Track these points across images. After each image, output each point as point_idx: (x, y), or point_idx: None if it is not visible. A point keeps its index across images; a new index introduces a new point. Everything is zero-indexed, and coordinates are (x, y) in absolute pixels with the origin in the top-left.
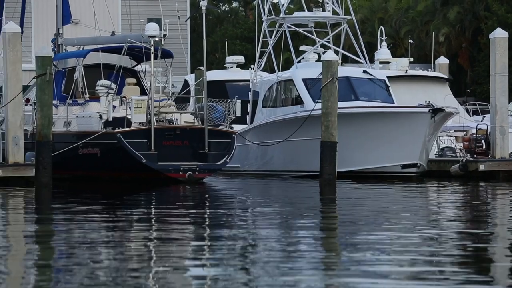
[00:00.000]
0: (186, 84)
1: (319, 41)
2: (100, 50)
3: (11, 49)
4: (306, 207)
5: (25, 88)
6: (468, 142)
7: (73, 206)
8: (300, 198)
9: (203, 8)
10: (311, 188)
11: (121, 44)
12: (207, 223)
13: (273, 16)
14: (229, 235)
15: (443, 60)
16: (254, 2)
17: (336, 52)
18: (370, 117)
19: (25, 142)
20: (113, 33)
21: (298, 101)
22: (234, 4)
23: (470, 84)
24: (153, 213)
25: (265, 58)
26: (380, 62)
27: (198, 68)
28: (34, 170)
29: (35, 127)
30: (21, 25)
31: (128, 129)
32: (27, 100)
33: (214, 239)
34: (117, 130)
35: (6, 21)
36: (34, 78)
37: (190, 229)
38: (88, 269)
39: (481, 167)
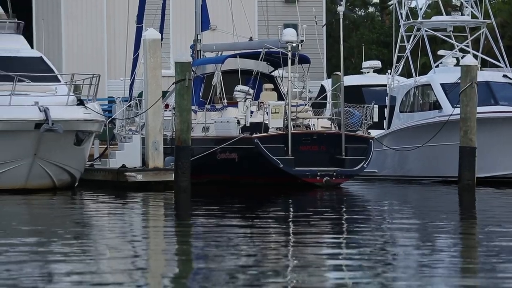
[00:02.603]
0: (322, 89)
1: (457, 45)
2: (238, 56)
3: (151, 55)
4: (444, 213)
5: (164, 94)
6: None
7: (211, 210)
8: (438, 203)
9: (340, 13)
10: (449, 194)
11: (258, 50)
12: (344, 228)
13: (411, 20)
14: (366, 240)
15: None
16: (391, 7)
17: (475, 56)
18: (510, 122)
19: (164, 147)
20: (250, 38)
21: (436, 106)
22: (371, 9)
23: None
24: (290, 217)
25: (402, 62)
26: None
27: (335, 73)
28: (173, 174)
29: (174, 132)
30: (161, 31)
31: (265, 134)
32: (167, 106)
33: (351, 244)
34: (254, 135)
35: (146, 28)
36: (173, 83)
37: (327, 235)
38: (227, 273)
39: None
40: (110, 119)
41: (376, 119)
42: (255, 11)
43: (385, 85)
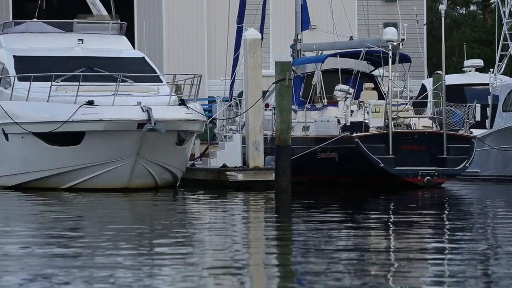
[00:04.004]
0: (423, 88)
1: None
2: (338, 55)
3: (251, 55)
4: None
5: (264, 93)
6: None
7: (311, 210)
8: None
9: (442, 11)
10: None
11: (359, 49)
12: (446, 229)
13: None
14: (469, 243)
15: None
16: (493, 5)
17: None
18: None
19: (264, 147)
20: (351, 38)
21: None
22: (472, 7)
23: None
24: (391, 218)
25: (505, 61)
26: None
27: (436, 72)
28: (273, 174)
29: (274, 132)
30: (261, 31)
31: (366, 133)
32: (267, 105)
33: (454, 248)
34: (355, 134)
35: (246, 28)
36: (273, 83)
37: (428, 236)
38: (329, 274)
39: None
40: (211, 119)
41: (478, 118)
42: (355, 10)
43: (487, 84)
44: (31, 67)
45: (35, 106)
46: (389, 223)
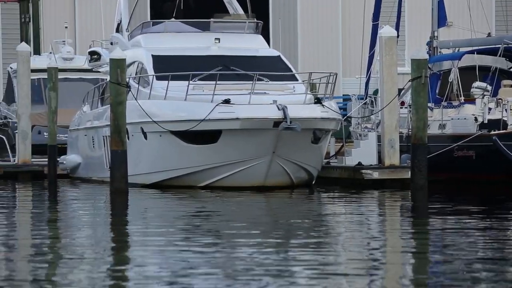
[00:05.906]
0: None
1: None
2: (475, 52)
3: (387, 53)
4: None
5: (400, 91)
6: None
7: (449, 208)
8: None
9: None
10: None
11: (497, 46)
12: None
13: None
14: None
15: None
16: None
17: None
18: None
19: (400, 145)
20: (488, 34)
21: None
22: None
23: None
24: None
25: None
26: None
27: None
28: (409, 172)
29: (410, 130)
30: (397, 28)
31: (504, 131)
32: (402, 103)
33: None
34: (492, 132)
35: (382, 25)
36: (409, 81)
37: None
38: (465, 271)
39: None
40: (346, 117)
41: None
42: (493, 6)
43: None
44: (169, 67)
45: (172, 105)
46: None
